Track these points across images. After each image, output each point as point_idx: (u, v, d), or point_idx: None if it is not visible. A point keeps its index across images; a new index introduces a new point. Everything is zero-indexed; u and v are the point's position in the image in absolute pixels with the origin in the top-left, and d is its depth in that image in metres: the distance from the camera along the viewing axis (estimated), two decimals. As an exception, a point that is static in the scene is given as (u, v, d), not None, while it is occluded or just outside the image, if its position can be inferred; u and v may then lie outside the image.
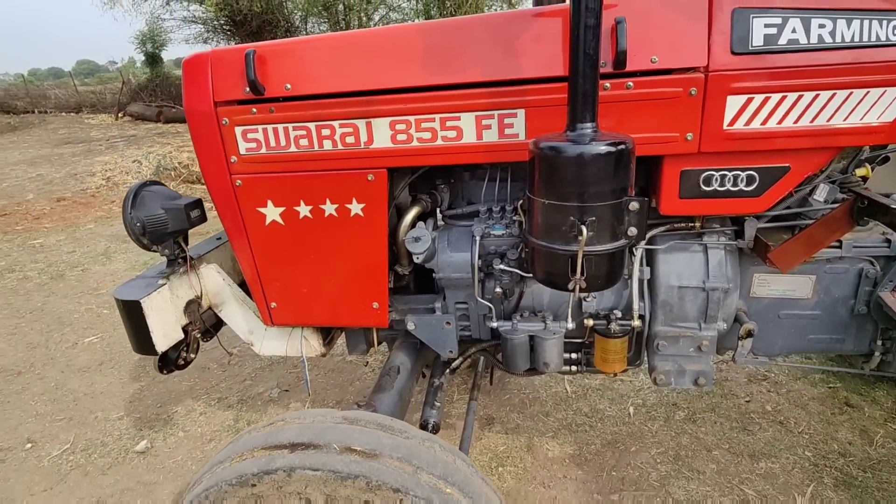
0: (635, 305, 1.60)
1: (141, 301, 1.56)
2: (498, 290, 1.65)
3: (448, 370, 1.93)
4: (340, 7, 14.79)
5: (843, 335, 1.69)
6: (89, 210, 7.92)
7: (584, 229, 1.13)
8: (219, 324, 2.00)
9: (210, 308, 1.93)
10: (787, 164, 1.36)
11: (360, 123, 1.45)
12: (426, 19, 14.46)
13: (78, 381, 3.30)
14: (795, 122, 1.29)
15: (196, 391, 3.08)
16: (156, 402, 3.00)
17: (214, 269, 1.88)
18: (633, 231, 1.19)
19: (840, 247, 1.57)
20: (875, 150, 1.59)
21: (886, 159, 1.78)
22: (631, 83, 1.31)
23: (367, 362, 3.07)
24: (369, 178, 1.51)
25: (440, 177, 1.73)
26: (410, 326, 1.76)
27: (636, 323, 1.60)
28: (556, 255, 1.20)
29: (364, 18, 15.12)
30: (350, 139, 1.47)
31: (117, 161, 10.88)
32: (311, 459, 1.17)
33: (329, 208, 1.57)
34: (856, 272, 1.60)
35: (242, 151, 1.54)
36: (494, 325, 1.69)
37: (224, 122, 1.51)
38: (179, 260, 1.81)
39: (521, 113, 1.37)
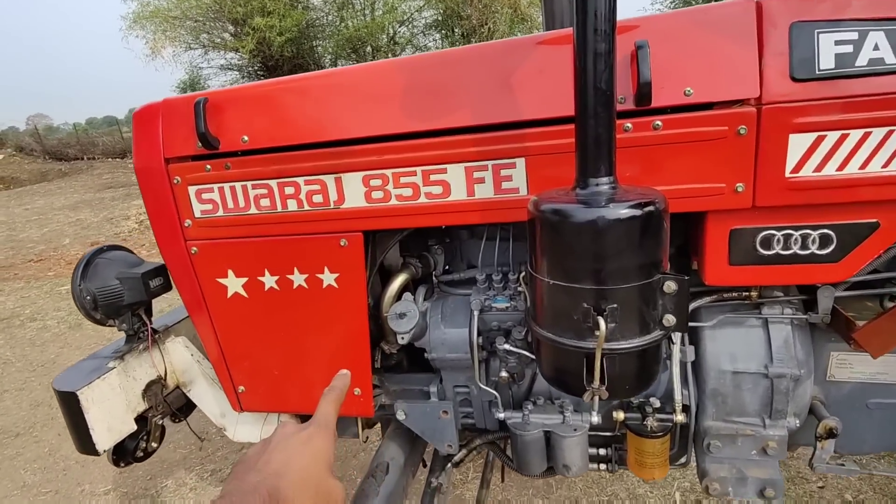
0: (677, 395, 1.26)
1: (78, 393, 1.33)
2: (504, 374, 1.34)
3: (450, 464, 1.61)
4: (368, 49, 15.12)
5: (955, 431, 1.30)
6: (118, 255, 8.01)
7: (603, 322, 0.83)
8: (192, 403, 1.75)
9: (179, 387, 1.69)
10: (875, 220, 1.03)
11: (329, 179, 1.20)
12: (452, 57, 14.60)
13: (72, 447, 3.10)
14: (884, 165, 0.97)
15: (190, 461, 2.84)
16: (146, 474, 2.76)
17: (182, 342, 1.64)
18: (670, 319, 0.89)
19: (947, 319, 1.20)
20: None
21: None
22: (659, 122, 1.02)
23: (367, 437, 2.74)
24: (342, 244, 1.26)
25: (434, 235, 1.46)
26: (401, 416, 1.47)
27: (679, 417, 1.26)
28: (566, 351, 0.90)
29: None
30: (317, 198, 1.23)
31: (151, 205, 11.14)
32: None
33: (298, 279, 1.32)
34: (970, 352, 1.22)
35: (197, 214, 1.32)
36: (501, 416, 1.38)
37: (176, 181, 1.30)
38: (141, 334, 1.58)
39: (520, 162, 1.10)
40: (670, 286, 0.87)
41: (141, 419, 1.58)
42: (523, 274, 1.13)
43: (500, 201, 1.13)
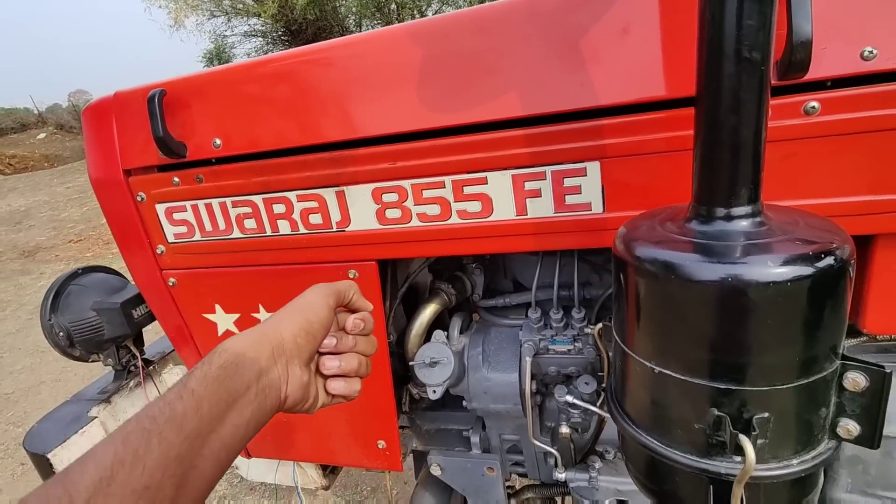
0: (800, 461, 0.95)
1: (49, 456, 1.12)
2: (565, 429, 1.05)
3: (497, 515, 1.35)
4: (393, 6, 14.42)
5: None
6: (153, 233, 8.04)
7: (749, 446, 0.51)
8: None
9: (182, 421, 1.47)
10: None
11: (328, 194, 0.90)
12: (481, 10, 13.79)
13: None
14: None
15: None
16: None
17: (181, 373, 1.41)
18: (850, 428, 0.56)
19: None
20: None
21: None
22: (815, 104, 0.67)
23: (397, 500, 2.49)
24: (351, 276, 0.96)
25: (470, 251, 1.15)
26: (436, 471, 1.21)
27: (803, 492, 0.95)
28: (679, 471, 0.59)
29: (417, 15, 14.67)
30: (315, 218, 0.93)
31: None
32: None
33: (299, 316, 1.04)
34: None
35: (171, 239, 1.05)
36: (562, 476, 1.09)
37: (140, 199, 1.02)
38: (132, 368, 1.36)
39: (593, 168, 0.77)
40: (857, 382, 0.54)
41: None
42: (599, 327, 0.82)
43: (564, 222, 0.81)
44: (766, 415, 0.53)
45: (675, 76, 0.70)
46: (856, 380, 0.54)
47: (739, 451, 0.52)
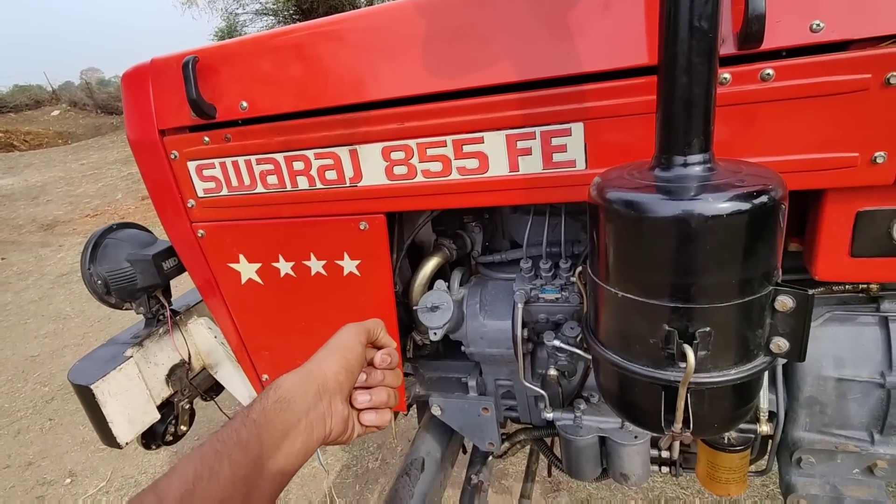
0: (763, 401, 1.06)
1: (92, 387, 1.25)
2: (552, 371, 1.16)
3: (491, 457, 1.48)
4: (405, -15, 14.32)
5: None
6: (167, 209, 8.20)
7: (691, 352, 0.62)
8: (220, 385, 1.68)
9: (205, 368, 1.61)
10: None
11: (342, 152, 1.01)
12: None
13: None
14: None
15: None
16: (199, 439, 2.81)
17: (205, 324, 1.54)
18: (780, 344, 0.67)
19: None
20: None
21: None
22: (770, 70, 0.76)
23: (400, 448, 2.63)
24: (362, 227, 1.07)
25: (470, 211, 1.26)
26: (436, 411, 1.33)
27: (763, 428, 1.06)
28: (638, 382, 0.70)
29: (429, -5, 14.55)
30: (331, 174, 1.04)
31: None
32: None
33: (315, 265, 1.16)
34: None
35: (200, 193, 1.16)
36: (549, 416, 1.21)
37: (173, 156, 1.14)
38: (160, 317, 1.49)
39: (577, 128, 0.87)
40: (785, 303, 0.65)
41: (168, 403, 1.51)
42: (579, 270, 0.92)
43: (551, 177, 0.91)
44: (708, 329, 0.63)
45: (650, 45, 0.79)
46: (784, 301, 0.64)
47: (685, 359, 0.63)
